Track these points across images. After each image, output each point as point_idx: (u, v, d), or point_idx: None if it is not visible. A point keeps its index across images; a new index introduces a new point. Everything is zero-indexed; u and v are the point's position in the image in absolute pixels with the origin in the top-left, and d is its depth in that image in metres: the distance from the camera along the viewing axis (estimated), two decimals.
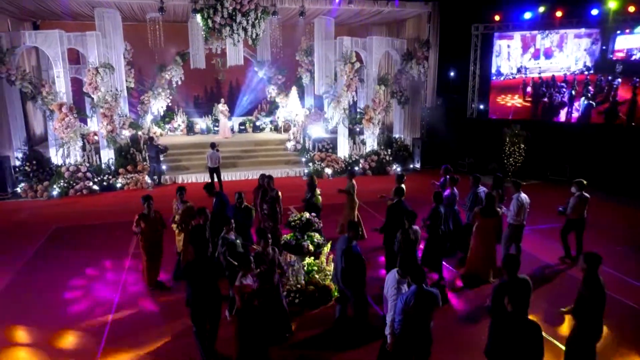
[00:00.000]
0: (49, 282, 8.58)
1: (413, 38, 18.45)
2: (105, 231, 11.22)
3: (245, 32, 15.34)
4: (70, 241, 10.63)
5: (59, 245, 10.37)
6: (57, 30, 14.37)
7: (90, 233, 11.15)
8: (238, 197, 8.36)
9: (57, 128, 14.44)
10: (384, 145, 18.15)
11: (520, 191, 8.90)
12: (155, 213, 7.93)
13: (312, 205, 9.00)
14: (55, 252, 10.01)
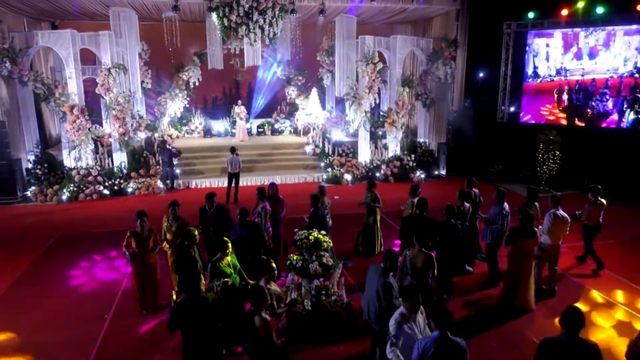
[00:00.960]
0: (39, 296, 8.07)
1: (440, 37, 17.45)
2: (107, 240, 10.65)
3: (262, 31, 14.68)
4: (71, 251, 10.10)
5: (59, 257, 9.85)
6: (69, 30, 13.99)
7: (92, 242, 10.61)
8: (240, 214, 7.36)
9: (68, 130, 14.07)
10: (407, 150, 17.21)
11: (558, 207, 7.94)
12: (149, 232, 7.16)
13: (317, 219, 8.16)
14: (54, 263, 9.50)
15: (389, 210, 12.68)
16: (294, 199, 14.24)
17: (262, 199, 8.37)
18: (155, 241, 7.15)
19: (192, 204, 13.78)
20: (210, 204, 7.87)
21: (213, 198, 7.91)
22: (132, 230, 7.06)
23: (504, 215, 8.15)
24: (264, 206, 8.32)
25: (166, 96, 19.04)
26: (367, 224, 9.86)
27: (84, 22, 17.60)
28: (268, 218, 8.39)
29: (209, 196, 7.88)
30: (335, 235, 10.19)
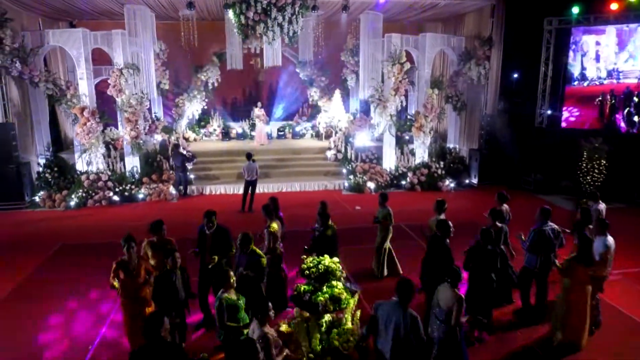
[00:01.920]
0: (29, 314, 7.35)
1: (472, 35, 16.19)
2: (110, 252, 9.88)
3: (281, 29, 13.77)
4: (70, 263, 9.41)
5: (57, 268, 9.18)
6: (81, 29, 13.43)
7: (94, 253, 9.86)
8: (242, 240, 6.18)
9: (78, 133, 13.50)
10: (435, 157, 16.03)
11: (607, 233, 6.75)
12: (138, 260, 6.08)
13: (324, 240, 7.14)
14: (51, 276, 8.81)
15: (413, 222, 11.63)
16: (312, 209, 13.30)
17: (271, 217, 7.38)
18: (147, 270, 6.13)
19: (202, 210, 13.12)
20: (210, 224, 6.79)
21: (212, 217, 6.77)
22: (119, 260, 6.00)
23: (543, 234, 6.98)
24: (268, 225, 7.35)
25: (184, 97, 18.43)
26: (378, 244, 8.85)
27: (102, 21, 17.10)
28: (279, 241, 7.40)
29: (208, 215, 6.78)
30: (351, 254, 9.29)
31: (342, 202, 13.94)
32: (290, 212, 12.82)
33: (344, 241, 10.43)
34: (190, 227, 11.38)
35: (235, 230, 6.72)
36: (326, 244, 7.06)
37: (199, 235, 6.95)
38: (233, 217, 12.27)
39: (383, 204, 8.74)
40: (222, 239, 6.77)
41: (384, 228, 8.74)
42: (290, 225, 11.72)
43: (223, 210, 12.88)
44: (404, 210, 12.87)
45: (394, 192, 15.11)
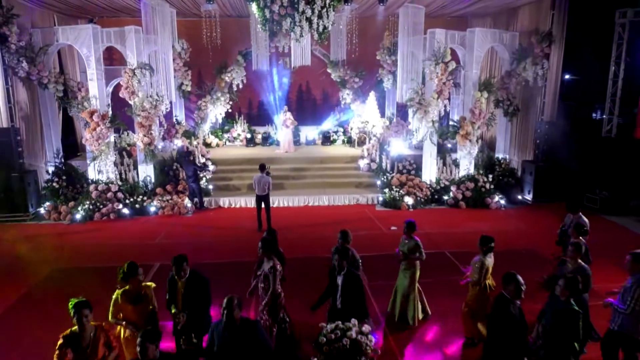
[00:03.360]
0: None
1: (528, 30, 14.20)
2: (105, 280, 8.61)
3: (310, 24, 12.19)
4: (55, 294, 8.13)
5: (40, 300, 7.93)
6: (91, 25, 12.30)
7: (87, 280, 8.60)
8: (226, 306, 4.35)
9: (87, 139, 12.38)
10: (483, 169, 14.14)
11: None
12: (95, 333, 4.43)
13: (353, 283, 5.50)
14: (27, 315, 7.54)
15: (459, 249, 9.86)
16: (341, 225, 11.70)
17: (269, 253, 5.86)
18: (107, 344, 4.51)
19: (220, 228, 11.61)
20: (179, 271, 5.18)
21: (183, 263, 5.18)
22: (67, 333, 4.36)
23: None
24: (272, 265, 5.80)
25: (207, 100, 17.21)
26: (401, 283, 7.17)
27: (123, 19, 16.03)
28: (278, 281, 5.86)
29: (177, 262, 5.16)
30: (383, 291, 7.67)
31: (376, 220, 12.28)
32: (315, 232, 11.31)
33: (374, 272, 8.87)
34: (203, 250, 10.11)
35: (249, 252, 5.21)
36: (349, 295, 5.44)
37: (168, 284, 5.42)
38: (250, 237, 10.82)
39: (410, 234, 7.08)
40: (197, 290, 5.25)
41: (411, 265, 7.07)
42: (309, 247, 10.29)
43: (240, 227, 11.54)
44: (448, 233, 11.16)
45: (434, 208, 13.35)
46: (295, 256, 9.47)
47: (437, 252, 9.84)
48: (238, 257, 9.59)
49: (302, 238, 10.77)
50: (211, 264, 9.27)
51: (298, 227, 11.53)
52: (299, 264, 9.14)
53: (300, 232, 11.23)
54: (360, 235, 10.95)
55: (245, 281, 6.80)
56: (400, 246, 7.23)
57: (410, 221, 7.12)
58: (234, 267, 9.01)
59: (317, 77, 18.69)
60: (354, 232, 11.13)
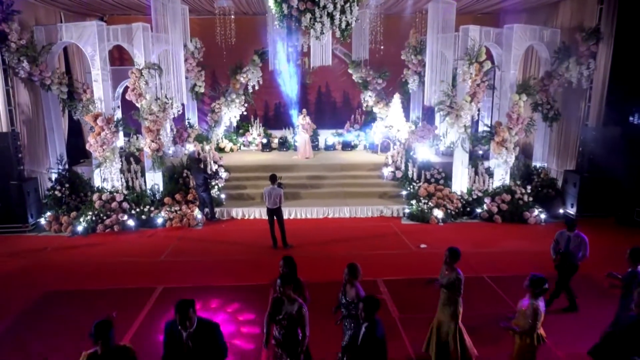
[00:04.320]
0: None
1: (571, 27, 12.92)
2: (100, 307, 7.67)
3: (331, 21, 11.12)
4: (47, 323, 7.22)
5: (28, 328, 7.01)
6: (95, 22, 11.43)
7: (82, 306, 7.68)
8: None
9: (92, 144, 11.51)
10: (519, 179, 12.88)
11: None
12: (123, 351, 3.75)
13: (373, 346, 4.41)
14: (9, 352, 6.62)
15: (497, 275, 8.69)
16: (364, 242, 10.67)
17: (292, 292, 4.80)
18: None
19: (232, 244, 10.54)
20: (184, 321, 4.03)
21: (188, 310, 4.03)
22: None
23: None
24: (299, 308, 4.73)
25: (221, 102, 16.30)
26: (441, 320, 6.06)
27: (136, 17, 15.17)
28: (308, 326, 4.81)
29: (182, 308, 4.02)
30: (414, 324, 6.55)
31: (402, 235, 11.15)
32: (335, 250, 10.18)
33: (404, 301, 7.77)
34: (212, 271, 9.10)
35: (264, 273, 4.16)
36: None
37: (167, 337, 4.22)
38: (265, 255, 9.83)
39: (452, 265, 5.94)
40: (208, 344, 4.12)
41: (453, 301, 5.95)
42: (329, 269, 8.87)
43: (254, 244, 10.52)
44: (484, 254, 9.98)
45: (466, 223, 12.17)
46: (313, 281, 8.42)
47: (476, 278, 8.69)
48: (251, 279, 8.58)
49: (321, 258, 9.70)
50: (221, 287, 8.28)
51: (316, 245, 10.46)
52: (318, 291, 8.07)
53: (318, 250, 10.16)
54: (386, 255, 9.90)
55: (259, 308, 5.79)
56: (440, 276, 6.13)
57: (453, 250, 5.97)
58: (247, 291, 7.99)
59: (338, 78, 17.65)
60: (379, 250, 10.19)
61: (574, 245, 7.30)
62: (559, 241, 7.47)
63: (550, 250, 7.55)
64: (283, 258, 5.63)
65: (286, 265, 5.52)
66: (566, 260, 7.34)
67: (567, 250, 7.33)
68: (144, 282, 8.47)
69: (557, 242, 7.49)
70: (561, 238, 7.46)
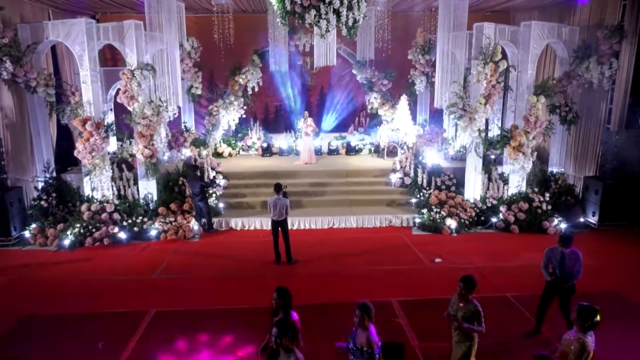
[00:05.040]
0: None
1: (590, 24, 12.19)
2: (87, 332, 6.88)
3: (337, 17, 10.36)
4: (24, 354, 6.43)
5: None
6: (84, 19, 10.64)
7: (64, 334, 6.88)
8: None
9: (80, 151, 10.72)
10: (536, 185, 12.13)
11: None
12: None
13: None
14: None
15: (522, 293, 7.91)
16: (373, 255, 9.90)
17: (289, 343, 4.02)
18: None
19: (231, 258, 9.65)
20: None
21: None
22: None
23: None
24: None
25: (219, 104, 15.52)
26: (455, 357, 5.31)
27: (130, 15, 14.39)
28: None
29: None
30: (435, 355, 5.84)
31: (414, 247, 10.38)
32: (342, 265, 9.37)
33: (422, 329, 6.94)
34: (208, 291, 8.31)
35: None
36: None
37: None
38: (268, 272, 9.05)
39: (466, 297, 5.19)
40: None
41: (468, 337, 5.19)
42: (335, 288, 8.27)
43: (255, 258, 9.66)
44: (504, 268, 9.25)
45: (481, 233, 11.41)
46: (317, 302, 7.67)
47: (498, 297, 7.94)
48: (252, 300, 7.78)
49: (328, 275, 8.94)
50: (219, 311, 7.49)
51: (322, 259, 9.68)
52: (327, 314, 7.31)
53: (325, 265, 9.39)
54: (398, 271, 9.11)
55: (262, 337, 5.01)
56: (450, 307, 5.36)
57: (469, 280, 5.20)
58: (247, 316, 7.21)
59: (341, 79, 16.88)
60: (391, 265, 9.40)
61: (570, 264, 6.54)
62: (550, 259, 6.66)
63: (542, 269, 6.75)
64: (277, 290, 4.88)
65: (280, 297, 4.80)
66: (564, 280, 6.55)
67: (564, 269, 6.53)
68: (134, 304, 7.68)
69: (548, 260, 6.68)
70: (553, 255, 6.64)
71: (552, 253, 6.69)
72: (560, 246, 6.60)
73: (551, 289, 6.70)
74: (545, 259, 6.74)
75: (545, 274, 6.70)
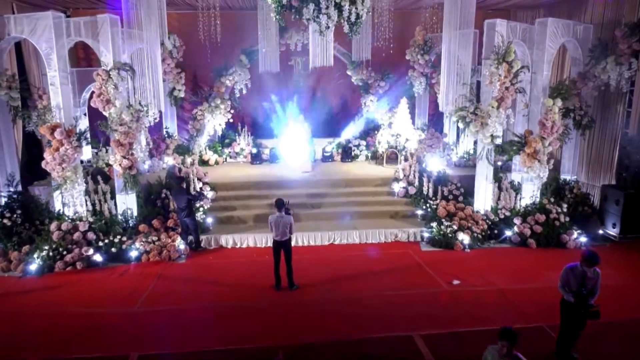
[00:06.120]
0: None
1: (604, 22, 11.44)
2: None
3: (339, 13, 9.33)
4: None
5: None
6: (50, 13, 9.36)
7: None
8: None
9: (48, 162, 9.43)
10: (551, 195, 11.28)
11: None
12: None
13: None
14: None
15: (557, 321, 6.94)
16: (384, 278, 8.83)
17: None
18: None
19: (223, 285, 8.38)
20: None
21: None
22: None
23: None
24: None
25: (204, 108, 14.34)
26: None
27: (104, 12, 13.09)
28: None
29: None
30: None
31: (426, 267, 9.38)
32: (347, 291, 8.14)
33: None
34: (198, 328, 7.17)
35: None
36: None
37: None
38: (267, 300, 7.95)
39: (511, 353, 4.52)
40: None
41: None
42: (341, 321, 7.14)
43: (250, 283, 8.40)
44: (529, 291, 8.32)
45: (496, 248, 10.50)
46: (336, 338, 6.61)
47: (533, 329, 6.99)
48: (251, 338, 6.68)
49: (338, 302, 7.88)
50: (213, 353, 6.36)
51: (327, 283, 8.59)
52: (344, 352, 6.25)
53: (331, 291, 8.31)
54: (414, 296, 8.08)
55: None
56: None
57: (510, 333, 4.51)
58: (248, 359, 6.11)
59: (335, 81, 15.84)
60: (405, 290, 8.40)
61: (591, 285, 5.84)
62: (569, 280, 5.94)
63: (560, 289, 6.05)
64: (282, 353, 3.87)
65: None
66: (586, 304, 5.82)
67: (584, 290, 5.80)
68: (112, 347, 6.49)
69: (567, 282, 5.97)
70: (573, 276, 5.90)
71: (572, 273, 5.94)
72: (583, 265, 5.85)
73: (573, 312, 5.90)
74: (563, 279, 6.03)
75: (565, 292, 5.96)
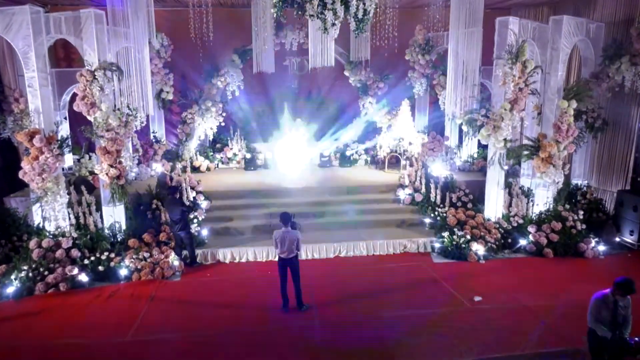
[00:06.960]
0: None
1: (618, 20, 11.01)
2: None
3: (346, 7, 8.64)
4: None
5: None
6: (28, 7, 8.47)
7: None
8: None
9: (26, 172, 8.53)
10: (565, 201, 10.77)
11: None
12: None
13: None
14: None
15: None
16: (399, 295, 8.10)
17: None
18: None
19: (224, 306, 7.54)
20: None
21: None
22: None
23: None
24: None
25: (194, 111, 13.55)
26: None
27: (86, 8, 12.20)
28: None
29: None
30: None
31: (442, 282, 8.72)
32: (370, 311, 7.38)
33: None
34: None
35: None
36: None
37: None
38: (274, 324, 7.18)
39: None
40: None
41: None
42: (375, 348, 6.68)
43: (254, 304, 7.60)
44: (555, 308, 7.69)
45: (511, 259, 9.91)
46: None
47: (570, 352, 6.39)
48: None
49: (352, 325, 7.16)
50: None
51: (338, 303, 7.84)
52: None
53: (344, 312, 7.57)
54: (438, 317, 7.37)
55: None
56: None
57: None
58: None
59: (332, 82, 15.16)
60: (425, 309, 7.88)
61: (623, 314, 5.27)
62: (601, 312, 5.30)
63: (592, 325, 5.37)
64: None
65: None
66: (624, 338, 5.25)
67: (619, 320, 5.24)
68: None
69: (599, 313, 5.32)
70: (605, 306, 5.27)
71: (603, 303, 5.29)
72: (616, 294, 5.22)
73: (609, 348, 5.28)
74: (594, 312, 5.34)
75: (600, 328, 5.30)
